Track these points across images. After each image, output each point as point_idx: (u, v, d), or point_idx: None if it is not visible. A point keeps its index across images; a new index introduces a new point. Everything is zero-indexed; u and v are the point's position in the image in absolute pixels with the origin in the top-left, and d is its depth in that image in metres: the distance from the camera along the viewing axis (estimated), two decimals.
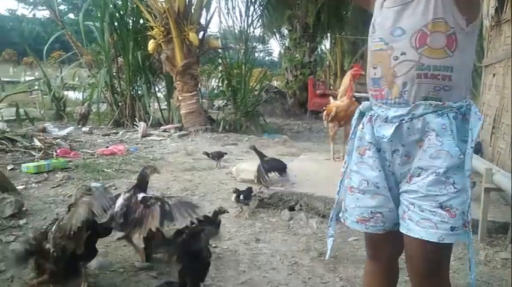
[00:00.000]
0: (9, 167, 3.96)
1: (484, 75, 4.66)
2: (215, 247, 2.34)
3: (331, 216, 1.46)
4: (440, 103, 1.22)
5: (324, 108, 4.37)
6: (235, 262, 2.19)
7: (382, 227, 1.33)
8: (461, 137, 1.22)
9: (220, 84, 9.14)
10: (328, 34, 13.69)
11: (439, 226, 1.19)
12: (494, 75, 4.15)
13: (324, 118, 4.34)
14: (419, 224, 1.21)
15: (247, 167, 4.07)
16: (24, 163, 4.06)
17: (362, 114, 1.39)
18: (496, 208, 2.83)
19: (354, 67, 4.28)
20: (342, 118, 4.08)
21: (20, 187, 3.28)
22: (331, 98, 4.50)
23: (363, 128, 1.35)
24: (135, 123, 6.85)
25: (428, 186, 1.21)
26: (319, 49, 14.38)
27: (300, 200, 2.97)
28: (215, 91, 9.83)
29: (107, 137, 6.15)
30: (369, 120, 1.33)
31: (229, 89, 7.98)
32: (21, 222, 2.52)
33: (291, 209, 2.97)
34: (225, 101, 8.70)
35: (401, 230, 1.27)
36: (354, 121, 1.41)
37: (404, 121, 1.23)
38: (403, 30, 1.22)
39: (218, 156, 4.47)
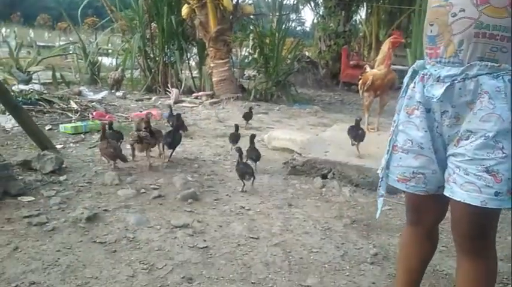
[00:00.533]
0: (47, 127, 4.08)
1: None
2: (248, 209, 2.37)
3: (381, 176, 1.41)
4: (497, 65, 1.15)
5: (360, 77, 4.19)
6: (268, 224, 2.20)
7: (424, 188, 1.29)
8: None
9: (252, 52, 9.04)
10: (365, 3, 13.27)
11: (483, 190, 1.15)
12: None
13: (359, 87, 4.15)
14: (463, 188, 1.17)
15: (278, 134, 4.06)
16: (61, 123, 4.17)
17: (415, 73, 1.33)
18: None
19: (393, 34, 4.06)
20: (378, 87, 3.93)
21: (58, 146, 3.38)
22: (367, 67, 4.34)
23: (414, 87, 1.30)
24: (167, 89, 6.88)
25: (476, 149, 1.16)
26: (354, 19, 13.99)
27: (333, 168, 2.94)
28: (246, 60, 9.73)
29: (140, 102, 6.22)
30: (421, 79, 1.27)
31: (261, 57, 7.89)
32: (61, 178, 2.60)
33: (324, 177, 2.96)
34: (257, 70, 8.62)
35: (445, 193, 1.23)
36: (406, 79, 1.36)
37: (456, 81, 1.18)
38: None
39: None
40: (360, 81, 4.12)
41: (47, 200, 2.27)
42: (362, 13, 14.56)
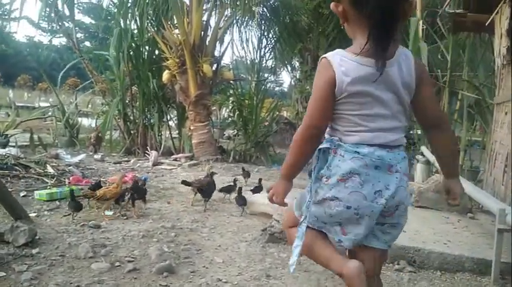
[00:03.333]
0: (22, 194, 4.01)
1: (495, 113, 4.67)
2: (225, 282, 2.33)
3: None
4: None
5: None
6: None
7: None
8: None
9: (231, 115, 9.23)
10: None
11: None
12: (506, 113, 4.16)
13: None
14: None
15: (257, 199, 4.07)
16: (37, 189, 4.11)
17: None
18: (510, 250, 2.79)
19: None
20: None
21: (32, 215, 3.32)
22: None
23: None
24: (146, 151, 6.91)
25: None
26: None
27: None
28: (226, 121, 9.91)
29: (118, 165, 6.21)
30: None
31: (240, 119, 8.06)
32: (34, 251, 2.53)
33: None
34: (236, 132, 8.77)
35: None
36: None
37: None
38: None
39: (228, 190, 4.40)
40: None
41: (18, 276, 2.20)
42: None
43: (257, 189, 4.27)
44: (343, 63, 1.46)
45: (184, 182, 4.18)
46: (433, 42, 6.82)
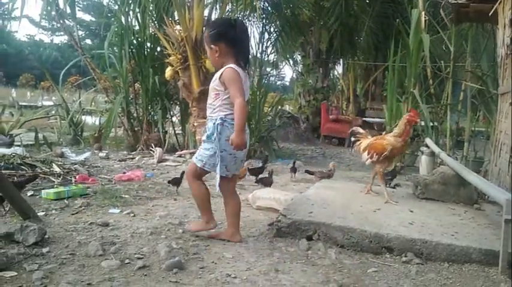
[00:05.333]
0: (29, 193, 4.03)
1: (500, 103, 4.66)
2: (234, 277, 2.35)
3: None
4: None
5: (358, 143, 3.94)
6: None
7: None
8: None
9: None
10: (341, 60, 13.82)
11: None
12: (510, 103, 4.15)
13: (370, 156, 3.73)
14: None
15: (262, 194, 4.08)
16: (43, 189, 4.14)
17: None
18: None
19: (411, 111, 3.77)
20: (393, 157, 3.76)
21: (41, 214, 3.34)
22: (356, 128, 4.20)
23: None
24: (151, 148, 6.93)
25: None
26: (331, 74, 14.51)
27: (318, 229, 2.96)
28: None
29: (123, 162, 6.23)
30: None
31: None
32: (44, 250, 2.55)
33: (309, 238, 2.97)
34: None
35: None
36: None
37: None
38: None
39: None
40: (362, 148, 3.84)
41: (29, 275, 2.22)
42: (339, 69, 15.12)
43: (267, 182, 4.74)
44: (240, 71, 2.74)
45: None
46: (436, 33, 6.80)
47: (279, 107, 10.01)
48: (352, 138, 4.03)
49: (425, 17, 6.14)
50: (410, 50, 5.96)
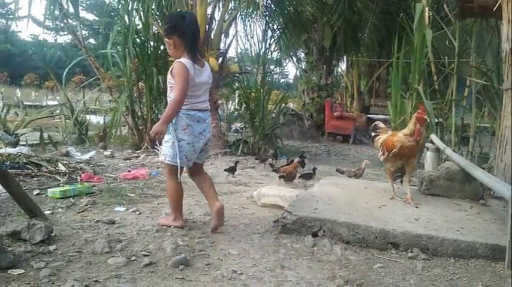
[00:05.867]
0: (35, 192, 4.06)
1: (505, 99, 4.64)
2: (240, 273, 2.36)
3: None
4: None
5: (377, 138, 3.75)
6: None
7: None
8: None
9: (238, 108, 9.23)
10: (345, 57, 13.79)
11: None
12: None
13: (381, 152, 3.63)
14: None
15: (267, 191, 4.09)
16: (49, 187, 4.16)
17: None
18: None
19: (420, 108, 3.51)
20: (405, 155, 3.49)
21: (47, 212, 3.36)
22: (379, 123, 3.95)
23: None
24: (155, 147, 6.93)
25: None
26: (335, 72, 14.48)
27: (323, 226, 2.96)
28: (234, 114, 9.92)
29: (128, 161, 6.25)
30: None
31: (248, 112, 8.07)
32: (51, 248, 2.57)
33: (314, 235, 2.97)
34: (244, 124, 8.78)
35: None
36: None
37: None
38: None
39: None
40: (379, 144, 3.67)
41: (37, 273, 2.24)
42: (343, 66, 15.08)
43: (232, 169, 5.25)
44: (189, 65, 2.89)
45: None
46: (440, 29, 6.77)
47: (283, 105, 10.00)
48: (373, 133, 3.90)
49: (429, 13, 6.11)
50: (414, 46, 5.94)
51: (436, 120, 5.81)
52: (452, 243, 2.67)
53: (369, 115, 12.80)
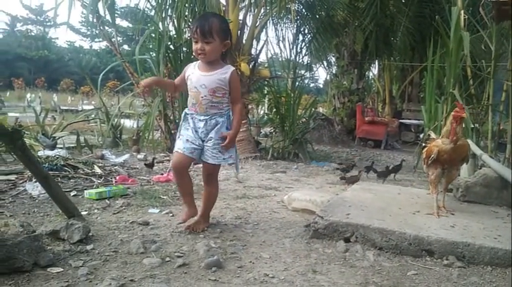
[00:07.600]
0: (72, 194, 4.19)
1: None
2: (272, 277, 2.36)
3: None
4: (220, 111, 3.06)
5: (424, 145, 3.66)
6: None
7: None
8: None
9: (268, 112, 9.26)
10: (376, 61, 13.62)
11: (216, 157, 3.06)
12: None
13: (423, 161, 3.54)
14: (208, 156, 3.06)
15: (298, 195, 4.08)
16: (86, 189, 4.28)
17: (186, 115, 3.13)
18: None
19: (457, 105, 3.32)
20: (445, 162, 3.30)
21: (83, 213, 3.46)
22: (431, 133, 3.90)
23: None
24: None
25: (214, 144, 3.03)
26: (367, 76, 14.32)
27: (355, 231, 2.94)
28: (264, 119, 9.96)
29: (161, 164, 6.36)
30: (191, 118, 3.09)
31: (278, 117, 8.08)
32: (88, 247, 2.65)
33: (347, 240, 2.95)
34: (274, 129, 8.79)
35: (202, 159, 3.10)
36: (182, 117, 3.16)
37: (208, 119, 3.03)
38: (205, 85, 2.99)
39: None
40: (424, 154, 3.52)
41: (75, 271, 2.31)
42: (374, 70, 14.90)
43: (150, 165, 5.54)
44: None
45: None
46: (475, 32, 6.61)
47: (313, 109, 9.95)
48: (423, 144, 3.77)
49: (464, 16, 5.98)
50: (449, 49, 5.82)
51: (472, 126, 5.66)
52: (489, 251, 2.60)
53: (401, 120, 12.60)
